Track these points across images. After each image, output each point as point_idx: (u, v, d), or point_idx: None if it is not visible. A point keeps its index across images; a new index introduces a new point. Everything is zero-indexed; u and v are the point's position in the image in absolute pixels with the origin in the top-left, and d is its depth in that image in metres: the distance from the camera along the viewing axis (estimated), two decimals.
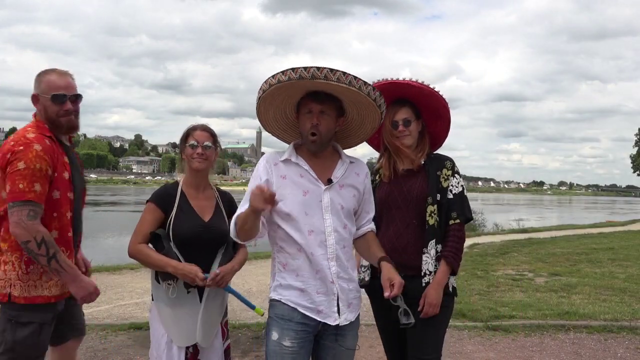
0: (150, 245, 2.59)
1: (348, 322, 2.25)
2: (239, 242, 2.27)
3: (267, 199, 1.98)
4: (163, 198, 2.63)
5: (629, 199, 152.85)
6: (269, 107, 2.27)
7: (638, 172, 46.09)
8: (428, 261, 2.49)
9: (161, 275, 2.54)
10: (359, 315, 2.35)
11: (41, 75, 2.46)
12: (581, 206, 71.40)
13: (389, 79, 2.55)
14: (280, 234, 2.25)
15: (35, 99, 2.46)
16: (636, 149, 46.32)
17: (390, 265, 2.25)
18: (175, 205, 2.60)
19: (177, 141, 2.79)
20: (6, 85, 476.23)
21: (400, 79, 2.54)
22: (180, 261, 2.51)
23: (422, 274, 2.49)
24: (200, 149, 2.61)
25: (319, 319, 2.20)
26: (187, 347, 2.58)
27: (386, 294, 2.17)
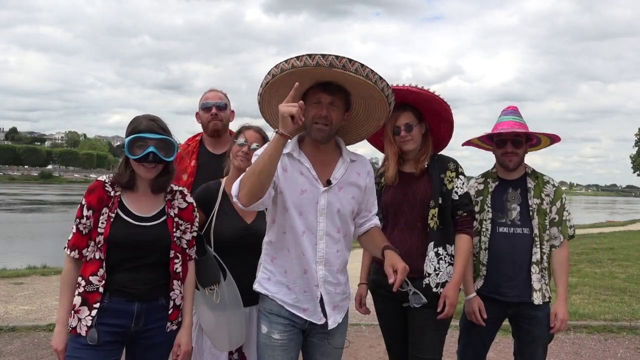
0: None
1: (336, 325, 2.25)
2: (241, 204, 2.00)
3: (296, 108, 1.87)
4: (205, 199, 2.54)
5: (629, 199, 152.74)
6: (273, 95, 2.16)
7: (638, 172, 46.04)
8: (428, 263, 2.51)
9: (201, 282, 2.41)
10: (346, 314, 2.34)
11: None
12: (581, 206, 71.27)
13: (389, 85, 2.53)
14: (276, 227, 2.23)
15: None
16: (636, 149, 46.26)
17: (394, 252, 2.11)
18: (216, 206, 2.52)
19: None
20: (8, 85, 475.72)
21: (401, 84, 2.53)
22: (224, 268, 2.42)
23: (423, 275, 2.51)
24: (247, 148, 2.54)
25: (304, 317, 2.21)
26: (232, 353, 2.52)
27: (390, 281, 2.00)
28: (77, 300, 2.09)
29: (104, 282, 2.09)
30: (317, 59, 1.95)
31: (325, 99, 2.12)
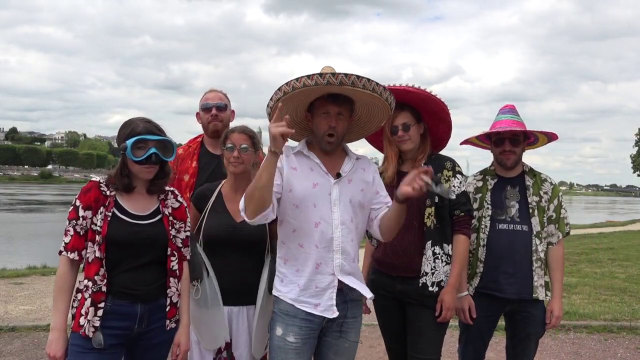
0: None
1: (352, 319, 2.28)
2: (247, 219, 2.13)
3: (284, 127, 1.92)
4: (199, 197, 2.61)
5: (629, 199, 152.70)
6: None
7: (638, 172, 46.04)
8: (426, 262, 2.51)
9: None
10: (362, 310, 2.39)
11: None
12: (581, 206, 71.32)
13: (387, 85, 2.53)
14: (285, 226, 2.26)
15: None
16: (636, 149, 46.23)
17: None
18: (209, 205, 2.57)
19: (177, 141, 2.78)
20: (8, 85, 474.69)
21: (397, 84, 2.54)
22: (206, 267, 2.45)
23: (420, 274, 2.51)
24: (237, 152, 2.56)
25: (317, 313, 2.20)
26: (220, 352, 2.54)
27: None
28: (88, 302, 2.08)
29: (105, 281, 2.09)
30: (327, 78, 2.05)
31: (334, 110, 2.20)
